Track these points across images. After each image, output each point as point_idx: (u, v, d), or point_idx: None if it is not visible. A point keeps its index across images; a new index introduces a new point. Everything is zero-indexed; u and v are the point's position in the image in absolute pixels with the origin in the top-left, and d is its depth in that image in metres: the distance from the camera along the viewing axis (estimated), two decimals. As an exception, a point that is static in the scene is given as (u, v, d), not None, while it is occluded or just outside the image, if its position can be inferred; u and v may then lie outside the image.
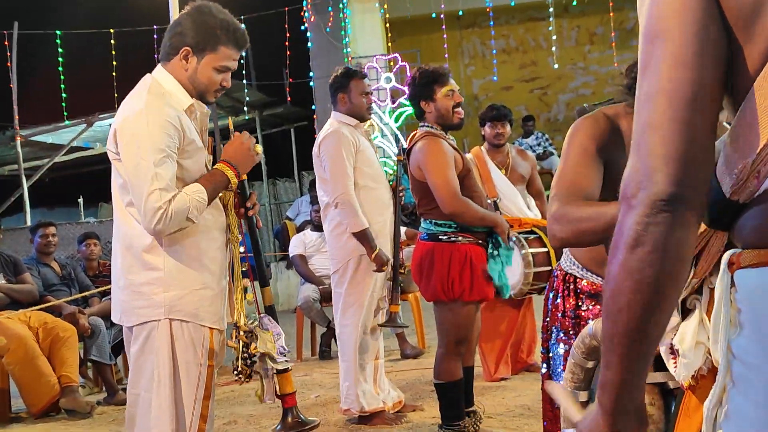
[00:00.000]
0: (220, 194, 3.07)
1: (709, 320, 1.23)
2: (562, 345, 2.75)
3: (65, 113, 13.19)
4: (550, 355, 2.83)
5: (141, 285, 2.94)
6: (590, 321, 2.67)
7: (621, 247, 1.12)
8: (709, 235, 1.19)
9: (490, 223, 4.24)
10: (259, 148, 3.15)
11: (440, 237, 4.21)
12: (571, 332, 2.73)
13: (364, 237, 4.64)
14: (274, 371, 3.13)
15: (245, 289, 3.21)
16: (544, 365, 2.89)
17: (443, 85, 4.30)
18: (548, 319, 2.85)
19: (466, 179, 4.24)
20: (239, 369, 3.09)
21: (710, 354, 1.24)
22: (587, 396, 1.80)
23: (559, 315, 2.76)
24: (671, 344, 1.31)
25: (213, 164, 3.12)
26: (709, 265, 1.22)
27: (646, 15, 1.18)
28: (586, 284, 2.73)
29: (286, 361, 3.20)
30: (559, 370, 2.76)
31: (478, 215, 4.19)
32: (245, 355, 3.08)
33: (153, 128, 2.83)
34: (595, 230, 2.24)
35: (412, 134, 4.48)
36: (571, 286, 2.74)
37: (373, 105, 5.05)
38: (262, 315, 3.21)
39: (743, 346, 1.14)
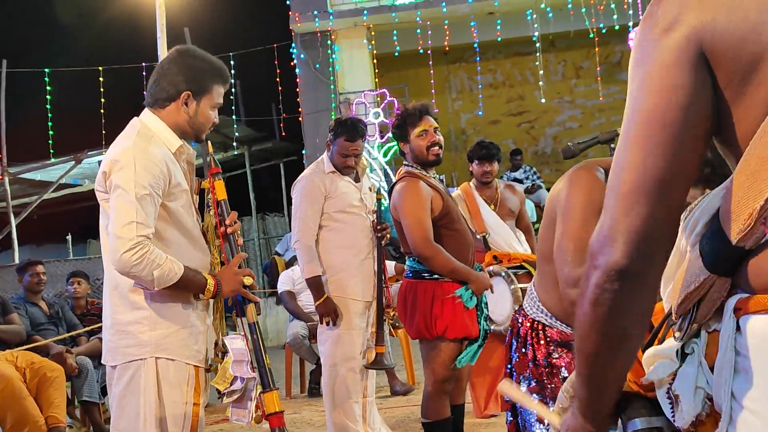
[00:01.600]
0: (202, 221, 3.15)
1: (708, 364, 1.24)
2: (534, 395, 2.69)
3: (51, 150, 13.21)
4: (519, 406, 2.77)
5: (127, 324, 2.95)
6: (563, 368, 2.64)
7: (586, 301, 1.25)
8: (709, 283, 1.20)
9: (461, 278, 4.14)
10: (249, 281, 3.12)
11: (423, 274, 4.19)
12: (545, 381, 2.68)
13: (313, 284, 4.71)
14: (259, 391, 3.10)
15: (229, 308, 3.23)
16: (509, 414, 2.82)
17: (415, 125, 4.30)
18: (511, 365, 2.80)
19: (446, 217, 4.22)
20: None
21: (709, 399, 1.24)
22: None
23: (530, 364, 2.71)
24: (669, 389, 1.31)
25: (199, 204, 3.16)
26: (709, 311, 1.23)
27: (632, 78, 1.23)
28: (555, 332, 2.70)
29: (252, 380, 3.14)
30: (533, 420, 2.69)
31: (449, 266, 4.11)
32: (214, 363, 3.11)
33: (139, 166, 2.87)
34: None
35: (399, 170, 4.49)
36: (540, 334, 2.71)
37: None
38: (226, 336, 3.16)
39: (747, 391, 1.14)
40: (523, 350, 2.74)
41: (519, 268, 5.47)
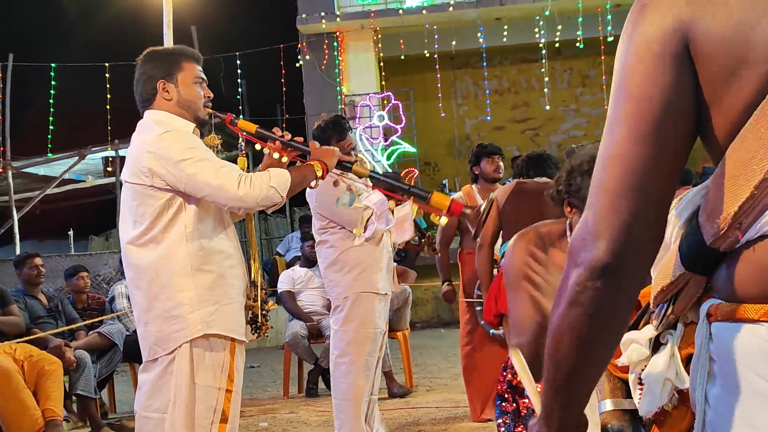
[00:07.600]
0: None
1: (681, 355, 1.26)
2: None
3: (49, 145, 13.22)
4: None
5: (173, 308, 3.06)
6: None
7: (563, 302, 1.19)
8: (685, 280, 1.20)
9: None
10: (337, 150, 3.49)
11: None
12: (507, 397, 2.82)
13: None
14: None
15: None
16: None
17: None
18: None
19: None
20: (258, 323, 3.33)
21: (677, 392, 1.25)
22: None
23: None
24: (640, 376, 1.32)
25: None
26: (686, 305, 1.24)
27: (617, 71, 1.21)
28: None
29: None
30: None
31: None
32: (263, 311, 3.35)
33: (185, 139, 3.06)
34: None
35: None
36: None
37: (365, 142, 5.09)
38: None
39: (717, 395, 1.15)
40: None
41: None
